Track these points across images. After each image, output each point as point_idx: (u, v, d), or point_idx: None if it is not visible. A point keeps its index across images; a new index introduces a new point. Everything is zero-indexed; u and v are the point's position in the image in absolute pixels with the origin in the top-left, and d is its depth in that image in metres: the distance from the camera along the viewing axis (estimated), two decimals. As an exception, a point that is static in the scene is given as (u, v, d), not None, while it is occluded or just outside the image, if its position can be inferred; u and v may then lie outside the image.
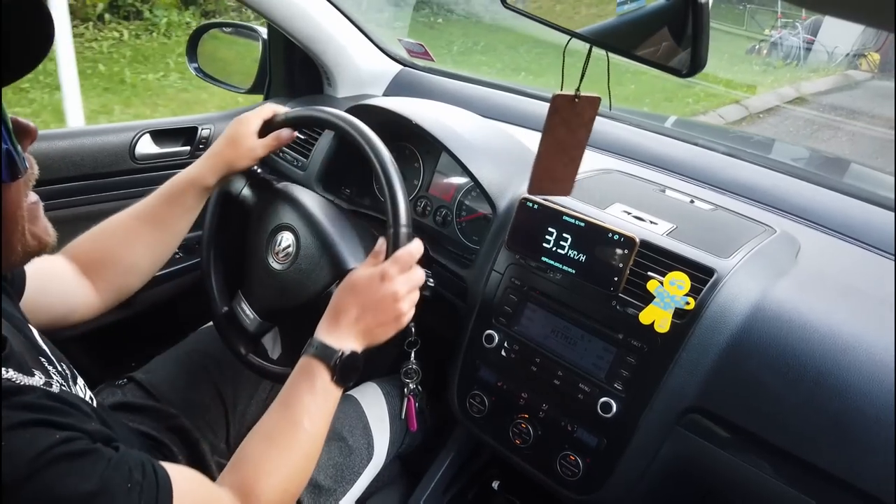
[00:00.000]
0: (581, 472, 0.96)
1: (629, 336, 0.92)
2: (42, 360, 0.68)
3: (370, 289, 0.85)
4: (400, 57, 1.79)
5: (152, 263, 1.01)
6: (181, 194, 1.00)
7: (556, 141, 0.79)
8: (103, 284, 0.96)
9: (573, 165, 0.82)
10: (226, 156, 1.01)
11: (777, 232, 1.02)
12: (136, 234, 0.98)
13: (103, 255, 0.96)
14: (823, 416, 0.78)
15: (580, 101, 0.77)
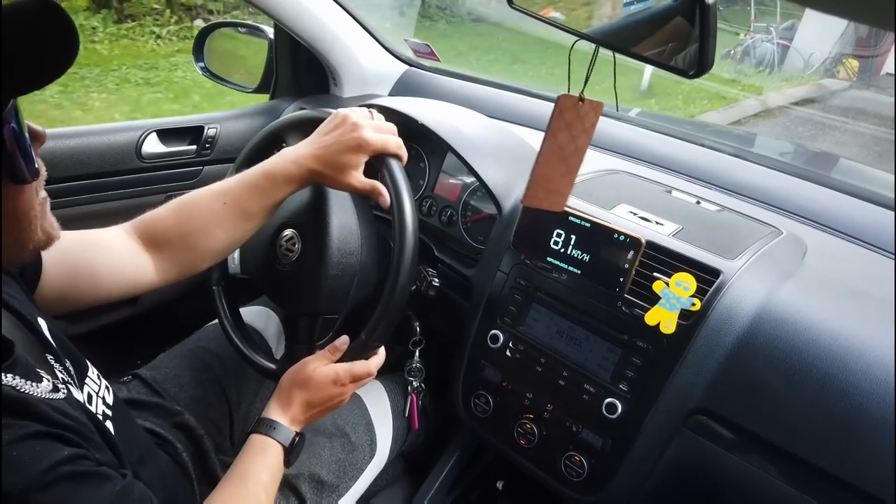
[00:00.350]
0: (586, 473, 0.96)
1: (634, 337, 0.92)
2: (49, 357, 0.68)
3: (321, 389, 0.91)
4: (406, 57, 1.79)
5: (228, 249, 0.96)
6: (273, 189, 0.92)
7: (558, 146, 0.78)
8: (171, 263, 0.92)
9: (570, 177, 0.80)
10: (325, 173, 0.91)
11: (783, 233, 1.01)
12: (220, 221, 0.91)
13: (182, 238, 0.91)
14: (829, 419, 0.77)
15: (584, 105, 0.76)
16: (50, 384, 0.62)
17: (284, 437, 0.87)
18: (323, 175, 0.91)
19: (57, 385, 0.63)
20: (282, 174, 0.91)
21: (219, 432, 1.12)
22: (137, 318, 1.53)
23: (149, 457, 0.80)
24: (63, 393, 0.63)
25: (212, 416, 1.11)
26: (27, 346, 0.66)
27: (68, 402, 0.62)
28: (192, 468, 0.98)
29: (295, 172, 0.91)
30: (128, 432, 0.76)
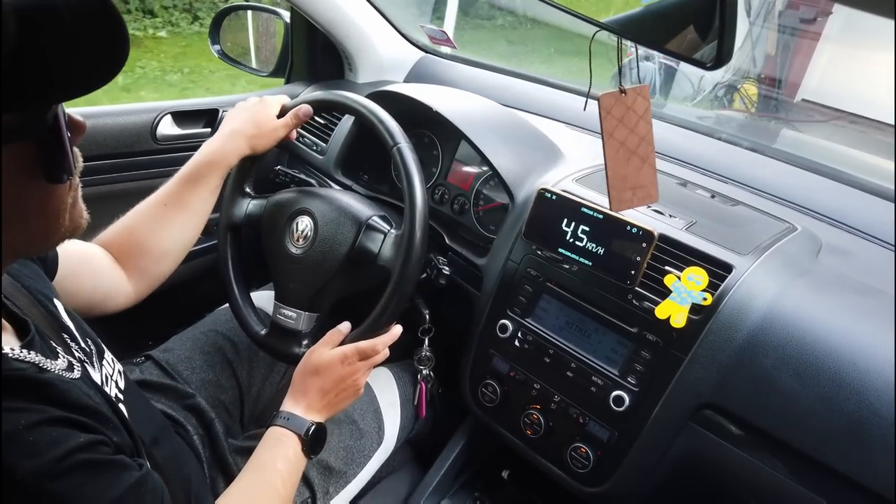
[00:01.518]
0: (591, 465, 0.96)
1: (644, 330, 0.92)
2: (65, 336, 0.69)
3: (330, 371, 0.93)
4: (422, 44, 1.78)
5: (182, 247, 1.02)
6: (204, 176, 1.01)
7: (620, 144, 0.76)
8: (137, 273, 0.98)
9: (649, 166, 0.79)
10: (249, 136, 1.02)
11: (798, 230, 1.00)
12: (163, 220, 0.99)
13: (135, 244, 0.97)
14: (839, 417, 0.77)
15: (628, 95, 0.75)
16: (65, 362, 0.63)
17: (299, 426, 0.89)
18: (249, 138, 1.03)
19: (72, 363, 0.64)
20: (207, 159, 1.01)
21: (229, 415, 1.13)
22: (150, 300, 1.54)
23: (163, 438, 0.81)
24: (78, 371, 0.63)
25: (223, 399, 1.12)
26: (43, 323, 0.67)
27: (84, 381, 0.63)
28: (202, 451, 0.99)
29: (219, 152, 1.01)
30: (141, 414, 0.77)
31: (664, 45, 0.72)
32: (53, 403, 0.55)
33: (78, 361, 0.66)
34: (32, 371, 0.56)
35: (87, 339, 0.74)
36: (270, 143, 1.05)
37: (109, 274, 0.96)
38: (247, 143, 1.03)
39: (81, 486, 0.54)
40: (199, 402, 1.05)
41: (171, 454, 0.82)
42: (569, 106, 1.47)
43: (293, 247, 1.05)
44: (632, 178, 0.78)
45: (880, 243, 1.06)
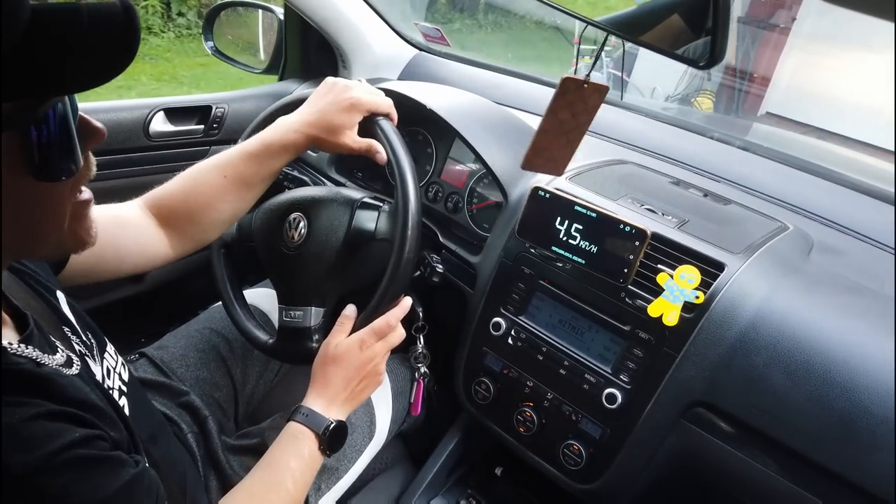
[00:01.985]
0: (584, 462, 0.96)
1: (637, 328, 0.92)
2: (66, 329, 0.69)
3: (350, 358, 0.91)
4: (416, 41, 1.78)
5: (232, 219, 0.99)
6: (271, 157, 0.95)
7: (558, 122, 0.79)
8: (182, 237, 0.95)
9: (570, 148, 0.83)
10: (321, 135, 0.95)
11: (790, 228, 1.01)
12: (222, 192, 0.94)
13: (188, 211, 0.94)
14: (830, 415, 0.77)
15: (588, 88, 0.77)
16: (64, 357, 0.62)
17: (318, 424, 0.87)
18: (318, 138, 0.94)
19: (72, 358, 0.63)
20: (278, 143, 0.94)
21: (223, 413, 1.13)
22: (143, 296, 1.54)
23: (160, 436, 0.81)
24: (76, 367, 0.63)
25: (217, 397, 1.12)
26: (44, 317, 0.66)
27: (81, 377, 0.62)
28: (196, 449, 0.99)
29: (290, 139, 0.94)
30: (141, 410, 0.76)
31: (656, 43, 0.72)
32: (50, 398, 0.55)
33: (78, 356, 0.65)
34: (30, 366, 0.56)
35: (88, 333, 0.74)
36: (333, 151, 1.01)
37: (150, 236, 0.93)
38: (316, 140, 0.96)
39: (76, 482, 0.53)
40: (194, 400, 1.05)
41: (168, 452, 0.82)
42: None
43: (290, 245, 1.04)
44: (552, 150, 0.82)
45: (871, 242, 1.07)
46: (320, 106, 0.95)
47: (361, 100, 0.96)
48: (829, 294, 0.90)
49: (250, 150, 0.94)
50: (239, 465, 0.99)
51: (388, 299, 0.95)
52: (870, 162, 1.67)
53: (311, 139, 0.94)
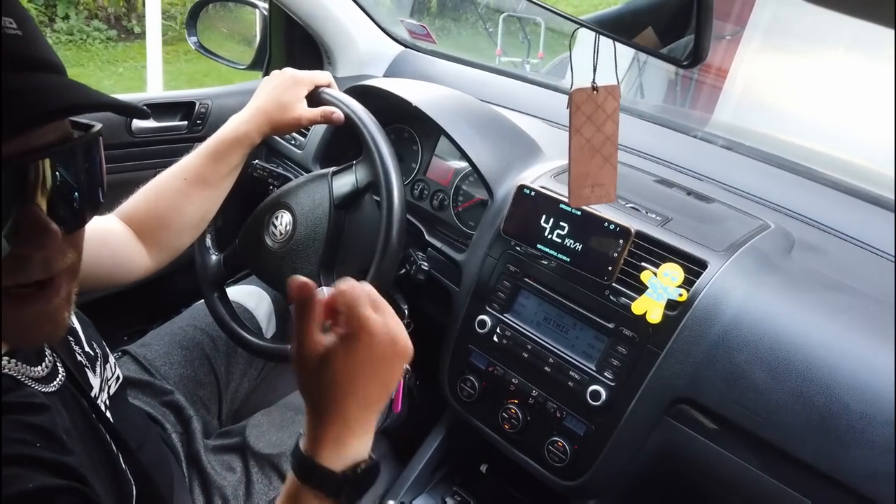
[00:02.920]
0: (568, 459, 0.97)
1: (621, 326, 0.93)
2: (69, 339, 0.68)
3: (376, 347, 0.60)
4: (401, 38, 1.77)
5: (202, 221, 1.00)
6: (228, 153, 0.97)
7: (586, 140, 0.76)
8: (157, 246, 0.96)
9: (611, 165, 0.77)
10: (273, 117, 0.97)
11: (772, 227, 1.02)
12: (185, 195, 0.96)
13: (157, 219, 0.95)
14: (810, 411, 0.78)
15: (599, 93, 0.75)
16: (45, 370, 0.60)
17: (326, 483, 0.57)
18: (271, 120, 0.97)
19: (56, 371, 0.61)
20: (231, 136, 0.96)
21: (207, 411, 1.12)
22: (125, 294, 1.52)
23: (147, 440, 0.80)
24: (57, 384, 0.60)
25: (201, 395, 1.11)
26: None
27: (61, 394, 0.60)
28: (179, 449, 0.98)
29: (242, 130, 0.96)
30: (126, 421, 0.76)
31: (641, 43, 0.73)
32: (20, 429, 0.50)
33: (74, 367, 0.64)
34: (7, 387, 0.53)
35: (93, 343, 0.73)
36: (292, 129, 1.02)
37: (130, 247, 0.93)
38: (269, 124, 0.97)
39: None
40: (178, 399, 1.04)
41: (155, 457, 0.81)
42: (548, 102, 1.47)
43: (279, 241, 1.04)
44: (593, 175, 0.78)
45: (852, 241, 1.08)
46: (265, 92, 0.99)
47: (299, 74, 1.01)
48: (811, 292, 0.91)
49: (206, 150, 0.96)
50: (220, 465, 0.99)
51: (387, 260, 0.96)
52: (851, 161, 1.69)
53: (263, 124, 0.97)
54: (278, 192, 1.08)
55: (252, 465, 0.99)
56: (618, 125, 0.77)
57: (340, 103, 0.99)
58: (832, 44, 3.33)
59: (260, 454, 0.99)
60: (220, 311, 1.11)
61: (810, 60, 3.57)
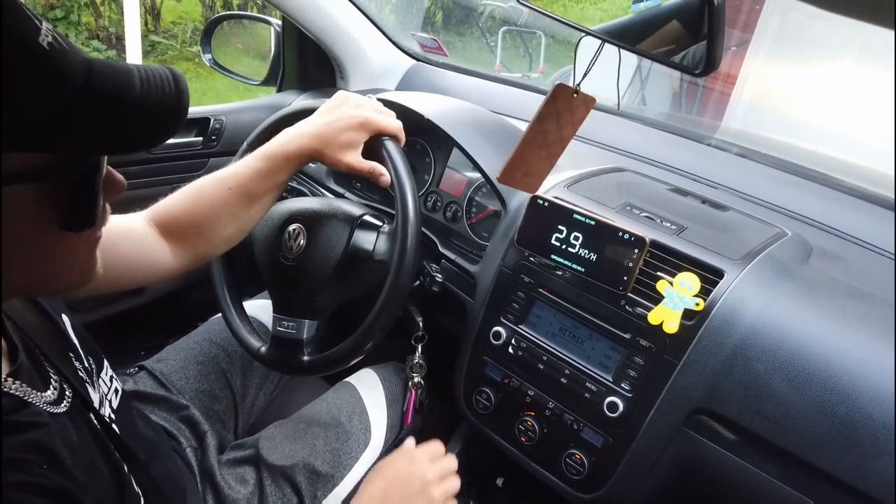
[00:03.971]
0: (586, 471, 0.96)
1: (637, 336, 0.92)
2: (70, 355, 0.68)
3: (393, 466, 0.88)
4: (413, 51, 1.79)
5: (239, 234, 0.96)
6: (278, 171, 0.93)
7: (543, 131, 0.79)
8: (186, 250, 0.93)
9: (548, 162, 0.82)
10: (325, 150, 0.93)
11: (789, 235, 1.01)
12: (227, 206, 0.92)
13: (192, 224, 0.92)
14: (831, 421, 0.77)
15: (578, 98, 0.76)
16: (55, 393, 0.60)
17: None
18: (322, 153, 0.92)
19: (64, 393, 0.62)
20: (282, 154, 0.92)
21: (223, 425, 1.13)
22: (142, 309, 1.54)
23: (158, 454, 0.81)
24: (66, 404, 0.61)
25: (217, 409, 1.12)
26: (48, 342, 0.65)
27: (70, 414, 0.60)
28: (194, 464, 0.99)
29: (294, 151, 0.92)
30: (133, 432, 0.76)
31: (651, 52, 0.73)
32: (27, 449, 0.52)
33: (79, 383, 0.64)
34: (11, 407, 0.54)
35: (90, 357, 0.73)
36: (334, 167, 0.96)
37: (155, 248, 0.90)
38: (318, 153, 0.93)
39: None
40: (193, 414, 1.04)
41: (167, 470, 0.81)
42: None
43: (288, 256, 1.04)
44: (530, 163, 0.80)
45: (871, 248, 1.07)
46: (328, 119, 0.93)
47: (371, 119, 0.94)
48: (830, 299, 0.90)
49: (253, 163, 0.92)
50: (234, 479, 0.99)
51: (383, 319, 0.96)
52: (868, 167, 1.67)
53: (314, 152, 0.92)
54: (304, 204, 1.08)
55: (265, 476, 0.99)
56: (576, 132, 0.78)
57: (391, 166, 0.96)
58: (842, 50, 3.31)
59: (273, 466, 0.99)
60: (233, 315, 1.11)
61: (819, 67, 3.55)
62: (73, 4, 5.90)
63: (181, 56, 6.30)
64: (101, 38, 6.09)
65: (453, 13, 7.48)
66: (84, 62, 0.45)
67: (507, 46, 5.65)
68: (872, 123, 2.68)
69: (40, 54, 0.42)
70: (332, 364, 1.01)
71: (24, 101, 0.42)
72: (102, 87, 0.46)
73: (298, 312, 1.04)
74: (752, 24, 3.85)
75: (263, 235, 1.09)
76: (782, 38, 3.79)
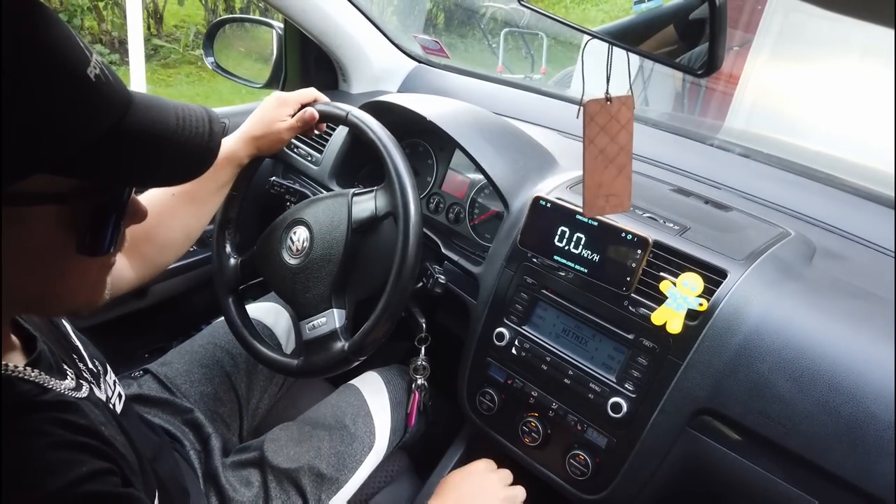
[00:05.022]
0: (590, 472, 0.96)
1: (641, 336, 0.92)
2: (74, 357, 0.69)
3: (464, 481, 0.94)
4: (415, 54, 1.79)
5: (188, 238, 1.01)
6: (216, 170, 0.98)
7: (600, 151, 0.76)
8: (140, 261, 0.95)
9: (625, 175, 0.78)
10: (257, 137, 1.02)
11: (792, 234, 1.01)
12: (172, 211, 0.96)
13: (140, 232, 0.93)
14: (837, 421, 0.77)
15: (613, 103, 0.75)
16: (73, 381, 0.62)
17: None
18: (255, 140, 1.02)
19: (80, 382, 0.63)
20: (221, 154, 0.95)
21: (227, 428, 1.13)
22: (145, 312, 1.54)
23: (162, 455, 0.81)
24: (86, 391, 0.62)
25: (221, 413, 1.12)
26: (55, 343, 0.66)
27: (90, 399, 0.62)
28: (198, 466, 0.99)
29: (230, 149, 1.00)
30: (138, 434, 0.76)
31: (654, 52, 0.73)
32: (57, 425, 0.53)
33: (86, 382, 0.65)
34: (35, 391, 0.55)
35: (94, 360, 0.73)
36: (276, 147, 1.05)
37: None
38: (254, 144, 1.03)
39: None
40: (198, 417, 1.05)
41: (170, 473, 0.82)
42: (561, 114, 1.48)
43: (295, 257, 1.05)
44: (607, 185, 0.78)
45: (874, 247, 1.07)
46: (253, 115, 1.04)
47: (284, 95, 1.05)
48: (833, 299, 0.89)
49: None
50: (238, 482, 0.99)
51: (392, 305, 0.95)
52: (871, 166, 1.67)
53: (248, 143, 1.01)
54: (298, 206, 1.09)
55: (270, 479, 0.99)
56: (632, 135, 0.77)
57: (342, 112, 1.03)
58: (845, 49, 3.30)
59: (278, 468, 1.00)
60: (235, 316, 1.11)
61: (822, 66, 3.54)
62: (77, 8, 5.92)
63: (184, 60, 6.30)
64: (103, 42, 6.11)
65: (455, 15, 7.49)
66: (124, 96, 0.47)
67: (508, 48, 5.65)
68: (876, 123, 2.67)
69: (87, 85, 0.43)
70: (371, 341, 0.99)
71: (65, 128, 0.43)
72: (139, 122, 0.47)
73: (324, 306, 1.04)
74: (754, 24, 3.85)
75: (266, 253, 1.09)
76: (785, 37, 3.78)
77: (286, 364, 1.06)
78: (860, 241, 1.08)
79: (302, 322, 1.05)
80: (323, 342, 1.02)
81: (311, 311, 1.04)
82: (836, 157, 1.75)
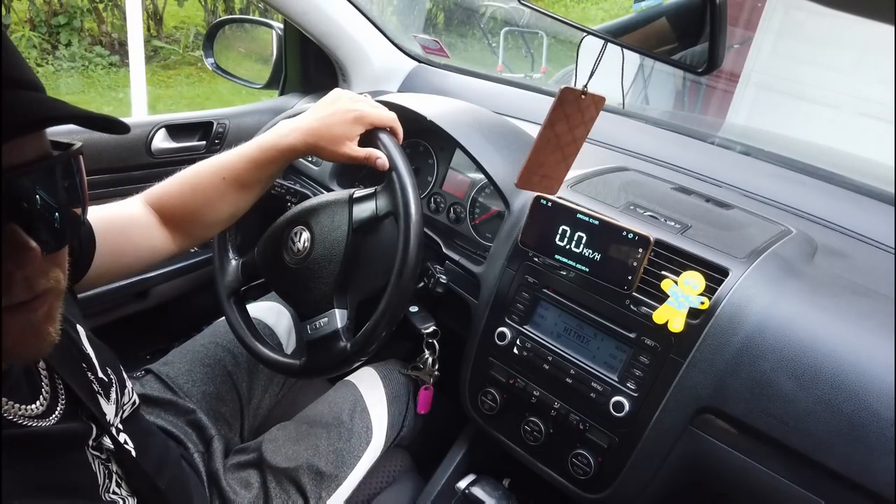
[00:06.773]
0: (593, 471, 0.96)
1: (643, 335, 0.92)
2: (83, 365, 0.68)
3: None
4: (415, 53, 1.79)
5: (232, 217, 1.01)
6: (271, 162, 0.96)
7: (555, 135, 0.79)
8: (183, 234, 0.97)
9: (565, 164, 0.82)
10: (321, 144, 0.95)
11: (793, 232, 1.01)
12: (221, 194, 0.96)
13: (188, 212, 0.96)
14: (839, 418, 0.77)
15: (586, 98, 0.76)
16: (43, 406, 0.59)
17: None
18: (318, 146, 0.95)
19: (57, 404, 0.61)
20: (276, 147, 0.95)
21: (229, 428, 1.13)
22: (147, 313, 1.54)
23: (166, 462, 0.81)
24: (56, 416, 0.60)
25: (223, 412, 1.12)
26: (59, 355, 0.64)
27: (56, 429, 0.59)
28: (202, 469, 0.99)
29: (288, 144, 0.95)
30: (144, 442, 0.76)
31: (654, 51, 0.73)
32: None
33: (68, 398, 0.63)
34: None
35: (108, 369, 0.72)
36: (332, 160, 0.99)
37: (156, 233, 0.94)
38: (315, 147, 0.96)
39: None
40: (200, 418, 1.05)
41: (175, 478, 0.82)
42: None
43: (296, 258, 1.04)
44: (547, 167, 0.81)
45: (876, 245, 1.07)
46: (324, 114, 0.96)
47: (367, 113, 0.97)
48: (835, 297, 0.89)
49: (248, 154, 0.95)
50: (238, 483, 0.99)
51: (393, 305, 0.94)
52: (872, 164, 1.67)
53: (309, 146, 0.95)
54: (298, 207, 1.09)
55: (269, 479, 0.99)
56: (588, 132, 0.79)
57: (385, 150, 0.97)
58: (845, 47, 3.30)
59: (277, 468, 1.00)
60: (236, 318, 1.11)
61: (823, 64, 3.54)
62: (76, 10, 5.92)
63: (184, 61, 6.31)
64: (103, 43, 6.11)
65: (455, 14, 7.48)
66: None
67: (509, 47, 5.66)
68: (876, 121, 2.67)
69: None
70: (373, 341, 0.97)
71: None
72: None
73: (326, 306, 1.03)
74: (754, 22, 3.86)
75: (267, 254, 1.09)
76: (785, 35, 3.79)
77: (289, 365, 1.05)
78: (862, 238, 1.08)
79: (304, 322, 1.04)
80: (325, 342, 1.02)
81: (313, 311, 1.04)
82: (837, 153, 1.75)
